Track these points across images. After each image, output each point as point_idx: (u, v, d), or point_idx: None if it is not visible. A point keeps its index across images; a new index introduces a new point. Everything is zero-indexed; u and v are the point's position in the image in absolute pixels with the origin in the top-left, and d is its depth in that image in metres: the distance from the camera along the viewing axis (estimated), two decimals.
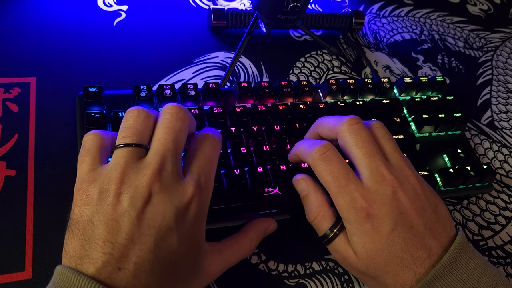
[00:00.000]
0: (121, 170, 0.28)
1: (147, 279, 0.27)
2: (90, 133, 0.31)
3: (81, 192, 0.28)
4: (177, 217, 0.28)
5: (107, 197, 0.27)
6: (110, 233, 0.26)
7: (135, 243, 0.27)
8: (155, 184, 0.28)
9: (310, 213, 0.36)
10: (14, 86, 0.43)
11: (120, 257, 0.26)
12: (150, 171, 0.28)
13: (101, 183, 0.28)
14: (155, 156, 0.29)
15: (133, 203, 0.27)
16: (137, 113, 0.30)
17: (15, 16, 0.48)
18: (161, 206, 0.28)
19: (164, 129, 0.30)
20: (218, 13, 0.52)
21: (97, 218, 0.27)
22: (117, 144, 0.30)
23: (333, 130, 0.36)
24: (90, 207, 0.27)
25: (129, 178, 0.28)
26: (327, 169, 0.34)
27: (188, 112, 0.32)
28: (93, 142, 0.30)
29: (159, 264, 0.27)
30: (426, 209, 0.33)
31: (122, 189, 0.28)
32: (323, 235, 0.35)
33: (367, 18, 0.62)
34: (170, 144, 0.29)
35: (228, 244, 0.34)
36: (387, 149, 0.36)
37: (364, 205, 0.32)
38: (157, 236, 0.27)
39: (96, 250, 0.26)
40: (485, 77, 0.61)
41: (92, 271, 0.26)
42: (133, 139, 0.29)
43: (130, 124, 0.30)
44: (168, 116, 0.31)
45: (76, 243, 0.27)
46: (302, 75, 0.53)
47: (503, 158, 0.52)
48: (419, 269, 0.31)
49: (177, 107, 0.31)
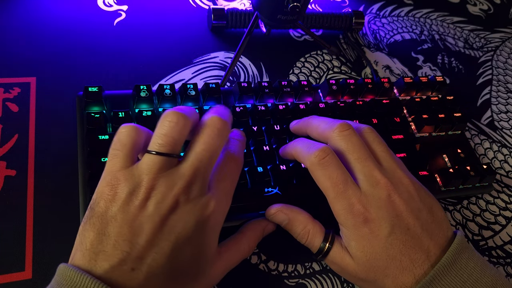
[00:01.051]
0: (153, 177, 0.28)
1: (156, 282, 0.27)
2: (127, 125, 0.30)
3: (110, 188, 0.28)
4: (196, 228, 0.29)
5: (136, 200, 0.28)
6: (131, 233, 0.27)
7: (154, 246, 0.27)
8: (182, 195, 0.29)
9: (299, 236, 0.36)
10: (14, 86, 0.43)
11: (136, 258, 0.27)
12: (182, 183, 0.29)
13: (132, 185, 0.28)
14: (189, 169, 0.29)
15: (159, 209, 0.28)
16: (177, 120, 0.29)
17: (15, 16, 0.48)
18: (184, 215, 0.29)
19: (205, 144, 0.30)
20: (218, 13, 0.52)
21: (122, 217, 0.27)
22: (151, 149, 0.29)
23: (323, 135, 0.36)
24: (117, 205, 0.28)
25: (160, 185, 0.28)
26: (326, 174, 0.34)
27: (229, 127, 0.32)
28: (129, 137, 0.29)
29: (171, 269, 0.28)
30: (421, 210, 0.34)
31: (151, 195, 0.28)
32: (317, 251, 0.35)
33: (367, 18, 0.62)
34: (206, 160, 0.30)
35: (228, 246, 0.34)
36: (379, 152, 0.36)
37: (361, 210, 0.33)
38: (176, 243, 0.28)
39: (115, 247, 0.26)
40: (485, 77, 0.61)
41: (105, 267, 0.26)
42: (168, 149, 0.29)
43: (167, 131, 0.29)
44: (211, 132, 0.30)
45: (94, 237, 0.27)
46: (302, 75, 0.53)
47: (503, 158, 0.52)
48: (418, 271, 0.31)
49: (222, 122, 0.31)
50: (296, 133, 0.41)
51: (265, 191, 0.38)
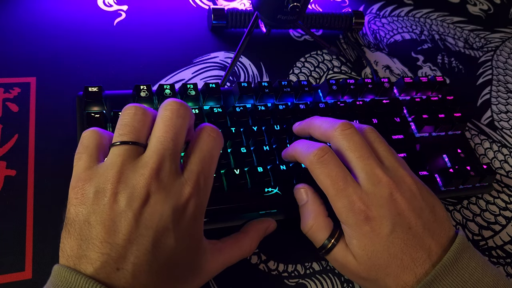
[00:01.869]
0: (118, 169, 0.28)
1: (146, 279, 0.26)
2: (89, 130, 0.31)
3: (76, 191, 0.28)
4: (174, 216, 0.28)
5: (104, 197, 0.27)
6: (107, 234, 0.26)
7: (133, 243, 0.26)
8: (152, 184, 0.27)
9: (306, 223, 0.36)
10: (14, 86, 0.43)
11: (118, 258, 0.26)
12: (148, 170, 0.28)
13: (98, 182, 0.27)
14: (153, 155, 0.28)
15: (130, 203, 0.27)
16: (134, 110, 0.30)
17: (15, 16, 0.48)
18: (158, 206, 0.27)
19: (164, 127, 0.29)
20: (218, 13, 0.52)
21: (94, 218, 0.27)
22: (113, 142, 0.29)
23: (325, 135, 0.36)
24: (86, 207, 0.27)
25: (126, 177, 0.27)
26: (325, 172, 0.34)
27: (188, 108, 0.31)
28: (91, 139, 0.30)
29: (158, 263, 0.27)
30: (423, 209, 0.33)
31: (119, 189, 0.27)
32: (321, 246, 0.35)
33: (367, 18, 0.62)
34: (169, 142, 0.29)
35: (229, 243, 0.34)
36: (381, 151, 0.36)
37: (362, 207, 0.33)
38: (155, 236, 0.27)
39: (94, 250, 0.26)
40: (485, 77, 0.61)
41: (90, 271, 0.26)
42: (130, 137, 0.29)
43: (127, 121, 0.30)
44: (168, 113, 0.30)
45: (73, 243, 0.27)
46: (302, 75, 0.53)
47: (503, 158, 0.52)
48: (419, 270, 0.31)
49: (178, 103, 0.30)
50: (299, 134, 0.41)
51: (265, 191, 0.38)
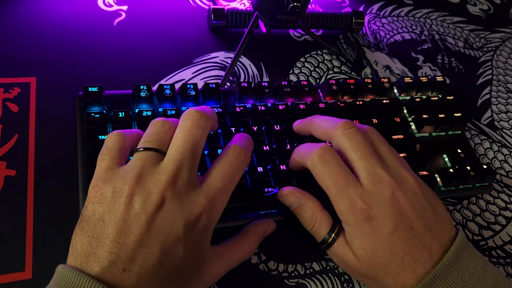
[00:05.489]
0: (137, 172, 0.28)
1: (150, 283, 0.27)
2: (114, 133, 0.32)
3: (96, 190, 0.29)
4: (186, 227, 0.28)
5: (120, 197, 0.28)
6: (118, 233, 0.27)
7: (142, 246, 0.27)
8: (168, 191, 0.28)
9: (306, 222, 0.36)
10: (14, 86, 0.43)
11: (126, 259, 0.26)
12: (165, 177, 0.28)
13: (116, 183, 0.28)
14: (171, 163, 0.29)
15: (145, 207, 0.27)
16: (162, 123, 0.32)
17: (15, 16, 0.48)
18: (171, 214, 0.28)
19: (183, 136, 0.30)
20: (218, 13, 0.52)
21: (108, 217, 0.27)
22: (138, 147, 0.30)
23: (326, 134, 0.36)
24: (103, 205, 0.28)
25: (144, 181, 0.28)
26: (326, 171, 0.34)
27: (209, 119, 0.32)
28: (115, 142, 0.31)
29: (163, 269, 0.27)
30: (425, 209, 0.33)
31: (136, 191, 0.28)
32: (321, 240, 0.35)
33: (367, 18, 0.62)
34: (188, 152, 0.30)
35: (228, 247, 0.34)
36: (383, 151, 0.36)
37: (363, 207, 0.32)
38: (164, 243, 0.27)
39: (103, 249, 0.26)
40: (485, 77, 0.61)
41: (96, 270, 0.26)
42: (154, 144, 0.30)
43: (154, 131, 0.31)
44: (189, 123, 0.31)
45: (84, 240, 0.27)
46: (302, 75, 0.53)
47: (503, 158, 0.52)
48: (420, 270, 0.31)
49: (199, 114, 0.31)
50: (299, 132, 0.41)
51: (265, 191, 0.38)
